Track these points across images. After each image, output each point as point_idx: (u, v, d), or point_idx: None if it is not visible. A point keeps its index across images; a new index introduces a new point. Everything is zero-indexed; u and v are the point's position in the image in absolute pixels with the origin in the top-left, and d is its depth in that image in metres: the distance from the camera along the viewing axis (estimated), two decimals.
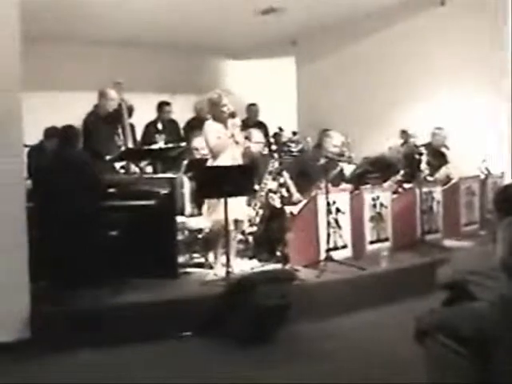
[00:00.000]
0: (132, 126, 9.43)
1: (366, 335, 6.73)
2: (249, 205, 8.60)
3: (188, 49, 13.36)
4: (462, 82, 11.07)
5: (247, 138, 8.44)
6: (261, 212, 8.81)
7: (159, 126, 10.81)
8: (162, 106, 11.22)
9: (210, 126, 7.91)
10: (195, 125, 10.31)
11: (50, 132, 9.14)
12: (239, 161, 7.92)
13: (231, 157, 7.80)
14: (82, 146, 7.53)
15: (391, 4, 11.34)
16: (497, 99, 10.66)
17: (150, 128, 10.77)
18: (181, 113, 11.59)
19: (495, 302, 2.97)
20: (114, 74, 9.51)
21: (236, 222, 7.84)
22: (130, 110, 9.38)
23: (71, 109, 9.20)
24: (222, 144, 7.76)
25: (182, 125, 11.44)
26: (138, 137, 10.25)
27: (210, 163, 7.91)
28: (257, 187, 8.71)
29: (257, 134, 9.37)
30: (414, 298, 7.52)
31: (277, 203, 8.59)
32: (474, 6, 10.76)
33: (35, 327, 6.17)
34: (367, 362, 5.94)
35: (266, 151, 9.39)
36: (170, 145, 9.49)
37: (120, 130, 8.90)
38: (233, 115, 7.90)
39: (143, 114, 10.36)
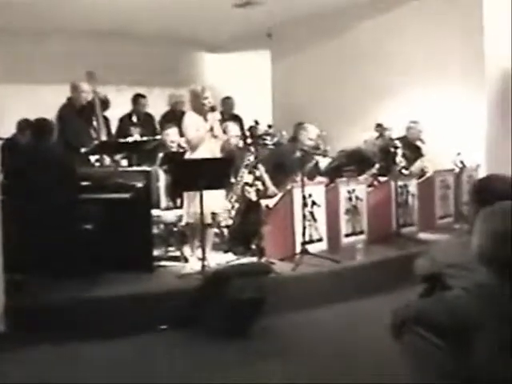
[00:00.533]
0: (106, 119, 9.39)
1: (342, 328, 6.74)
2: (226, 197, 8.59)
3: (164, 41, 13.31)
4: (437, 76, 11.10)
5: (224, 131, 8.43)
6: (236, 205, 8.79)
7: (134, 118, 10.76)
8: (137, 98, 11.14)
9: (190, 117, 7.88)
10: (170, 118, 10.30)
11: (23, 125, 9.10)
12: (217, 154, 7.89)
13: (209, 150, 7.77)
14: (56, 139, 7.46)
15: None
16: (472, 92, 10.70)
17: (125, 121, 10.71)
18: (156, 106, 11.52)
19: (470, 290, 2.96)
20: (89, 66, 9.45)
21: (213, 214, 7.80)
22: (106, 103, 9.33)
23: (44, 102, 9.15)
24: (200, 136, 7.72)
25: (157, 118, 11.37)
26: (113, 129, 10.19)
27: (187, 156, 7.87)
28: (233, 180, 8.68)
29: (233, 127, 9.34)
30: (389, 291, 7.53)
31: (252, 196, 8.58)
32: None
33: (9, 321, 6.11)
34: (342, 356, 5.93)
35: (241, 144, 9.38)
36: (145, 138, 9.45)
37: (94, 123, 8.86)
38: (213, 109, 7.88)
39: (118, 106, 10.29)
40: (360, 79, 12.11)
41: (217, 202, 7.79)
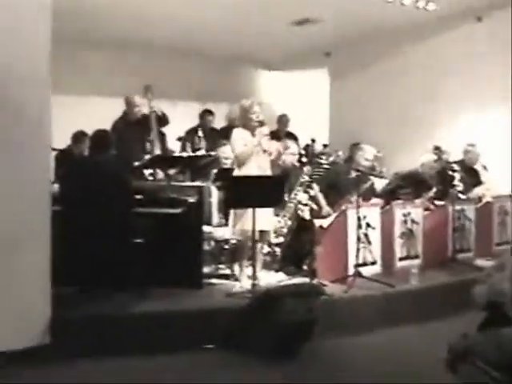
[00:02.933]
0: (162, 134, 9.37)
1: (393, 353, 6.60)
2: (277, 215, 8.48)
3: (222, 57, 13.34)
4: (497, 99, 10.92)
5: (286, 148, 8.36)
6: (289, 223, 8.69)
7: (200, 133, 10.72)
8: (204, 114, 11.28)
9: (237, 133, 7.81)
10: (227, 134, 10.26)
11: (78, 136, 9.11)
12: (266, 170, 7.77)
13: (257, 165, 7.67)
14: (113, 151, 7.43)
15: (427, 18, 11.18)
16: None
17: (191, 134, 10.68)
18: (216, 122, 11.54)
19: None
20: (147, 81, 9.48)
21: (262, 232, 7.68)
22: (164, 119, 9.32)
23: (99, 114, 9.17)
24: (247, 152, 7.64)
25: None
26: (170, 144, 10.18)
27: (235, 172, 7.80)
28: (286, 198, 8.59)
29: (292, 145, 9.27)
30: (442, 317, 7.44)
31: (306, 215, 8.47)
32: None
33: (56, 332, 6.08)
34: (393, 381, 5.79)
35: (297, 162, 9.30)
36: (199, 153, 9.42)
37: (149, 137, 8.87)
38: (261, 124, 7.78)
39: (175, 121, 10.27)
40: (419, 101, 11.99)
41: (266, 220, 7.65)
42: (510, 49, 10.46)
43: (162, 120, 9.30)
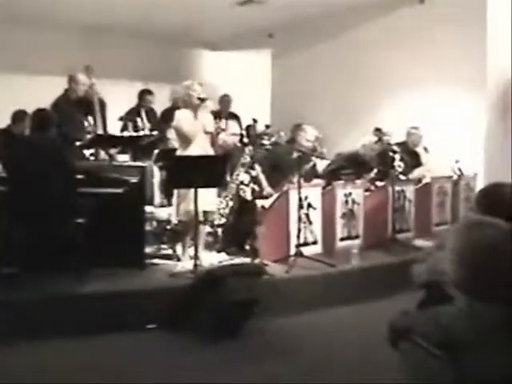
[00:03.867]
0: (103, 114, 9.27)
1: (334, 332, 6.66)
2: (219, 196, 8.48)
3: (165, 38, 13.26)
4: (437, 82, 11.07)
5: (223, 129, 8.32)
6: (231, 204, 8.69)
7: (143, 113, 10.63)
8: (143, 93, 11.09)
9: (181, 113, 7.81)
10: (171, 114, 10.19)
11: (19, 116, 8.98)
12: (208, 151, 7.78)
13: (200, 146, 7.67)
14: (55, 130, 7.33)
15: (371, 0, 11.25)
16: (472, 99, 10.65)
17: (133, 114, 10.57)
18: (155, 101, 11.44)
19: (464, 310, 2.88)
20: (87, 60, 9.38)
21: (205, 213, 7.69)
22: (102, 103, 9.22)
23: (40, 93, 9.04)
24: (194, 130, 7.63)
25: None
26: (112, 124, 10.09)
27: (179, 152, 7.78)
28: (228, 179, 8.59)
29: (233, 126, 9.26)
30: (383, 296, 7.53)
31: (248, 196, 8.49)
32: (455, 4, 10.71)
33: None
34: (334, 360, 5.88)
35: (238, 143, 9.30)
36: (141, 133, 9.36)
37: (90, 116, 8.78)
38: (203, 101, 7.76)
39: (116, 101, 10.19)
40: (360, 82, 12.06)
41: (208, 201, 7.67)
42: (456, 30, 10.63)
43: (102, 104, 9.21)
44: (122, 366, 5.62)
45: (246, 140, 9.41)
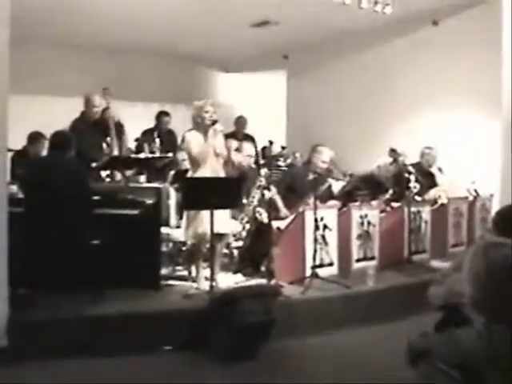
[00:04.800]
0: (120, 135, 9.30)
1: (350, 354, 6.65)
2: (234, 218, 8.47)
3: (181, 60, 13.34)
4: (453, 103, 11.06)
5: (238, 149, 8.31)
6: (247, 226, 8.69)
7: (155, 134, 10.65)
8: (160, 115, 11.16)
9: (192, 135, 7.78)
10: None
11: (35, 137, 9.03)
12: (219, 173, 7.76)
13: (211, 168, 7.65)
14: (72, 152, 7.36)
15: (384, 22, 11.25)
16: (487, 120, 10.64)
17: (147, 136, 10.62)
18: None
19: (481, 333, 2.87)
20: (105, 81, 9.43)
21: (219, 235, 7.65)
22: (120, 126, 9.24)
23: (56, 114, 9.09)
24: (202, 153, 7.61)
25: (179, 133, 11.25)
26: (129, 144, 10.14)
27: (189, 174, 7.77)
28: (244, 201, 8.58)
29: (248, 147, 9.24)
30: (399, 318, 7.48)
31: (264, 218, 8.46)
32: (468, 26, 10.74)
33: (12, 335, 6.02)
34: (350, 381, 5.84)
35: (253, 165, 9.30)
36: (157, 155, 9.38)
37: (108, 138, 8.81)
38: (214, 123, 7.73)
39: (132, 122, 10.23)
40: (375, 103, 12.08)
41: (222, 223, 7.56)
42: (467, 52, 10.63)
43: (120, 127, 9.23)
44: None
45: (261, 161, 9.43)
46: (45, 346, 6.05)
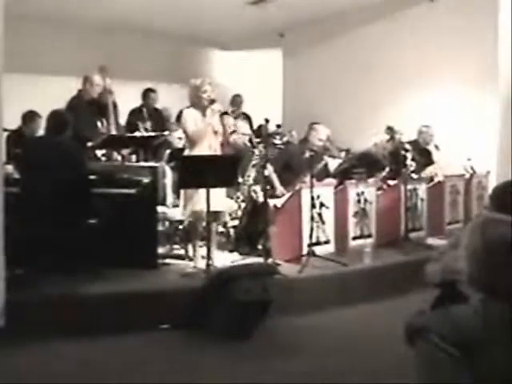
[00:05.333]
0: (116, 114, 9.27)
1: (348, 332, 6.66)
2: (229, 197, 8.47)
3: (176, 38, 13.25)
4: (450, 81, 11.07)
5: (233, 130, 8.28)
6: (243, 205, 8.69)
7: (144, 113, 10.63)
8: (147, 92, 11.06)
9: (189, 113, 7.75)
10: None
11: (29, 116, 8.99)
12: (217, 150, 7.74)
13: (208, 146, 7.62)
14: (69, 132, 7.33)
15: None
16: (484, 98, 10.64)
17: (135, 115, 10.59)
18: (165, 101, 11.42)
19: (478, 310, 2.88)
20: (99, 60, 9.38)
21: (215, 213, 7.63)
22: (115, 106, 9.21)
23: (50, 93, 9.06)
24: (199, 131, 7.59)
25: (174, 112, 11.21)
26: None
27: (186, 152, 7.75)
28: (240, 179, 8.57)
29: (243, 126, 9.23)
30: (396, 295, 7.52)
31: (260, 197, 8.46)
32: (465, 2, 10.71)
33: (10, 315, 6.02)
34: (348, 359, 5.86)
35: (251, 142, 9.30)
36: (153, 133, 9.36)
37: (104, 117, 8.78)
38: (212, 102, 7.71)
39: (127, 101, 10.19)
40: (371, 80, 12.05)
41: (218, 201, 7.55)
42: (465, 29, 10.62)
43: (115, 106, 9.21)
44: (134, 366, 5.62)
45: (255, 140, 9.41)
46: (42, 326, 6.07)
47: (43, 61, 11.64)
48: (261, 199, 8.40)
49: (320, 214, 8.19)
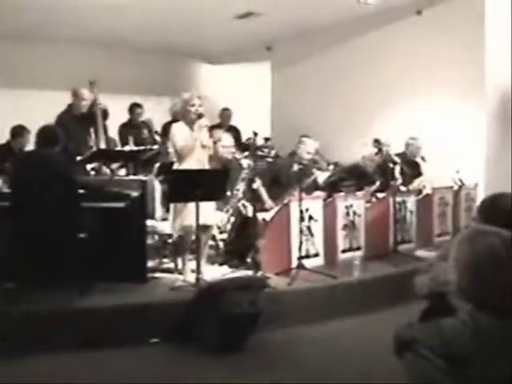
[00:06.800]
0: (105, 127, 9.30)
1: (337, 344, 6.65)
2: (219, 210, 8.48)
3: (164, 52, 13.30)
4: (436, 92, 11.12)
5: (215, 142, 8.27)
6: (232, 219, 8.70)
7: (135, 127, 10.63)
8: (133, 107, 11.11)
9: (177, 127, 7.76)
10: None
11: (18, 131, 9.00)
12: (205, 164, 7.76)
13: (197, 160, 7.63)
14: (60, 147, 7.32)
15: (367, 12, 11.27)
16: (471, 109, 10.70)
17: (126, 129, 10.61)
18: (155, 115, 11.43)
19: (467, 322, 2.90)
20: (88, 74, 9.40)
21: (204, 227, 7.63)
22: (105, 113, 9.23)
23: (43, 108, 9.07)
24: (188, 146, 7.60)
25: (157, 126, 11.24)
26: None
27: (175, 166, 7.76)
28: (229, 193, 8.58)
29: (226, 138, 9.22)
30: (385, 308, 7.51)
31: (249, 212, 8.47)
32: (452, 15, 10.78)
33: None
34: (336, 372, 5.85)
35: (238, 155, 9.30)
36: (142, 147, 9.37)
37: (92, 131, 8.79)
38: (200, 116, 7.73)
39: (117, 115, 10.21)
40: (359, 93, 12.10)
41: (207, 215, 7.56)
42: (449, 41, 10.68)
43: (104, 114, 9.22)
44: (124, 381, 5.60)
45: (239, 154, 9.43)
46: (31, 340, 6.05)
47: (32, 75, 11.66)
48: (249, 214, 8.41)
49: (309, 227, 8.20)
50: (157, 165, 8.89)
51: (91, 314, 6.51)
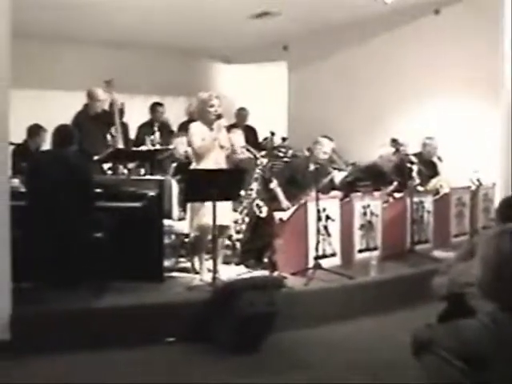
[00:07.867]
0: (124, 126, 9.31)
1: (354, 344, 6.64)
2: (235, 210, 8.48)
3: (181, 51, 13.28)
4: (454, 92, 11.07)
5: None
6: (247, 219, 8.69)
7: (155, 127, 10.63)
8: (154, 106, 11.10)
9: (196, 127, 7.75)
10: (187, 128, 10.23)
11: (34, 130, 9.03)
12: (222, 165, 7.74)
13: (214, 160, 7.62)
14: (76, 146, 7.34)
15: (385, 12, 11.24)
16: (489, 110, 10.64)
17: (145, 128, 10.61)
18: (171, 115, 11.46)
19: (486, 324, 2.88)
20: (106, 75, 9.43)
21: (221, 227, 7.61)
22: (121, 112, 9.25)
23: (59, 107, 9.09)
24: (206, 146, 7.60)
25: (174, 126, 11.26)
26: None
27: (192, 166, 7.76)
28: (243, 193, 8.55)
29: (236, 138, 9.16)
30: (402, 308, 7.49)
31: (263, 212, 8.46)
32: (469, 15, 10.74)
33: (16, 329, 6.03)
34: (353, 372, 5.83)
35: (256, 155, 9.28)
36: (159, 147, 9.38)
37: (112, 130, 8.81)
38: (219, 117, 7.72)
39: (133, 115, 10.23)
40: (376, 93, 12.05)
41: (224, 215, 7.54)
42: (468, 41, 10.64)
43: (120, 112, 9.24)
44: (140, 380, 5.61)
45: (262, 153, 9.42)
46: (48, 340, 6.07)
47: (50, 76, 11.69)
48: (264, 213, 8.40)
49: (326, 227, 8.19)
50: (174, 164, 8.89)
51: (108, 314, 6.53)
